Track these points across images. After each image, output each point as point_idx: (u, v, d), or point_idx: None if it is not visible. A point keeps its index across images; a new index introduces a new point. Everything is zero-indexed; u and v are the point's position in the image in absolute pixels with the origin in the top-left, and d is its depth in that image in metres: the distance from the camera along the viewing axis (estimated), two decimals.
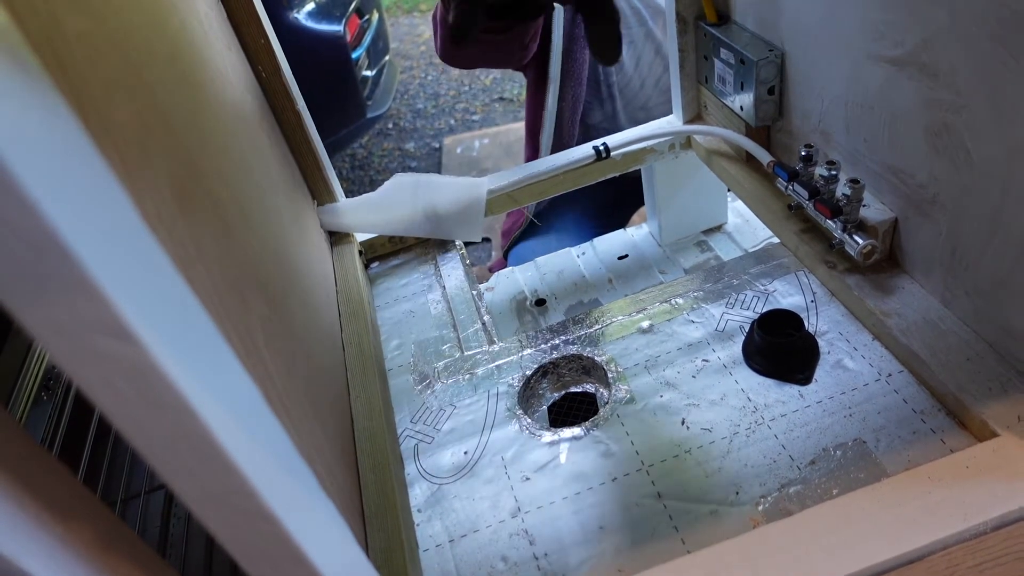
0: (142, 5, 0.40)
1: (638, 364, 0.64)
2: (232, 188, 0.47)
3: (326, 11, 2.09)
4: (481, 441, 0.61)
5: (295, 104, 0.75)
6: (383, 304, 0.80)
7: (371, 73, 2.31)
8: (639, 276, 0.92)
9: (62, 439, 0.61)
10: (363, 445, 0.59)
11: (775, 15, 0.66)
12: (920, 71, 0.51)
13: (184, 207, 0.35)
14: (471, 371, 0.68)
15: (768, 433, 0.56)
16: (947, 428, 0.52)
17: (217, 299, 0.35)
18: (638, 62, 1.12)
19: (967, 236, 0.52)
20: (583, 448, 0.58)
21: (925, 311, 0.58)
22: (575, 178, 0.84)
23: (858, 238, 0.60)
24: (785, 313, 0.62)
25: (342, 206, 0.83)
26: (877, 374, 0.58)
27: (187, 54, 0.47)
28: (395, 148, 2.97)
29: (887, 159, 0.58)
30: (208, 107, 0.48)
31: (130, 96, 0.33)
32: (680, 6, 0.76)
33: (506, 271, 0.97)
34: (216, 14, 0.63)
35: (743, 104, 0.73)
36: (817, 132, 0.66)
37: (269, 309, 0.45)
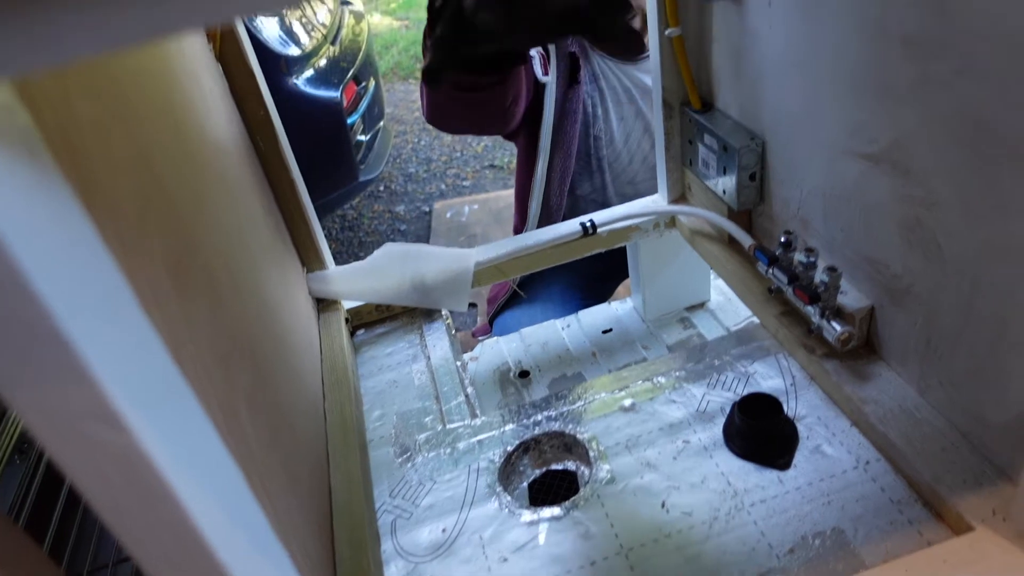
0: (151, 86, 0.42)
1: (619, 443, 0.64)
2: (225, 260, 0.48)
3: (324, 78, 2.15)
4: (460, 518, 0.61)
5: (290, 174, 0.76)
6: (367, 373, 0.80)
7: (365, 138, 2.36)
8: (623, 351, 0.93)
9: (31, 505, 0.60)
10: (340, 519, 0.58)
11: (756, 106, 0.69)
12: (893, 168, 0.53)
13: (178, 283, 0.36)
14: (452, 445, 0.68)
15: (748, 519, 0.56)
16: (924, 519, 0.53)
17: (204, 375, 0.35)
18: (627, 138, 1.16)
19: (941, 327, 0.54)
20: (562, 529, 0.58)
21: (902, 399, 0.59)
22: (562, 253, 0.86)
23: (836, 324, 0.62)
24: (765, 397, 0.63)
25: (331, 274, 0.84)
26: (855, 461, 0.58)
27: (190, 131, 0.48)
28: (385, 211, 3.01)
29: (863, 249, 0.60)
30: (207, 181, 0.49)
31: (135, 175, 0.34)
32: (666, 92, 0.79)
33: (491, 341, 0.98)
34: (219, 88, 0.65)
35: (726, 188, 0.75)
36: (796, 219, 0.69)
37: (254, 382, 0.45)
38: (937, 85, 0.47)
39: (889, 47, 0.49)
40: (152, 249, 0.33)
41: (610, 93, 1.12)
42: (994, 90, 0.43)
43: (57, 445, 0.21)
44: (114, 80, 0.36)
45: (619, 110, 1.13)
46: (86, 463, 0.21)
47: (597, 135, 1.14)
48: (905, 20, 0.47)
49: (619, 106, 1.13)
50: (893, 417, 0.58)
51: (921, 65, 0.47)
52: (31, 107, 0.24)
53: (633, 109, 1.13)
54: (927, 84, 0.47)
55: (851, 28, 0.53)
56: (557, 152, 1.12)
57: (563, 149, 1.12)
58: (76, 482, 0.21)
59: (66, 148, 0.27)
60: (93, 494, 0.22)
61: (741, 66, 0.69)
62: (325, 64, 2.21)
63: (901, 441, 0.56)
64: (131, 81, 0.39)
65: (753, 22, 0.65)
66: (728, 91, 0.74)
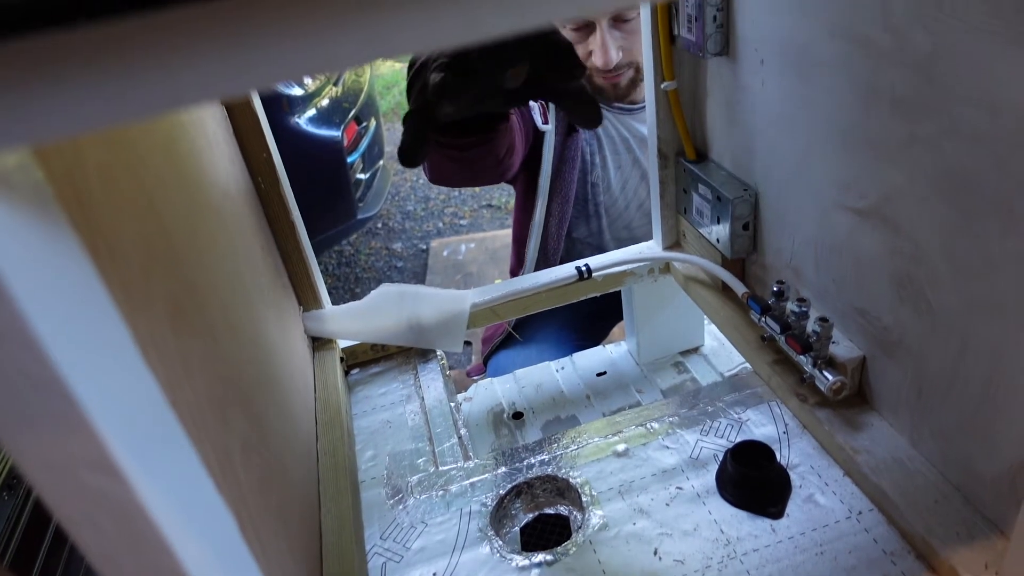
0: (158, 132, 0.43)
1: (612, 488, 0.64)
2: (223, 302, 0.48)
3: (326, 117, 2.18)
4: (451, 562, 0.60)
5: (290, 215, 0.77)
6: (360, 412, 0.80)
7: (365, 176, 2.39)
8: (616, 394, 0.93)
9: (18, 542, 0.59)
10: (330, 562, 0.57)
11: (749, 158, 0.71)
12: (883, 223, 0.54)
13: (177, 325, 0.36)
14: (445, 487, 0.68)
15: (740, 568, 0.55)
16: (916, 572, 0.52)
17: (200, 419, 0.35)
18: (624, 185, 1.18)
19: (931, 380, 0.54)
20: (554, 575, 0.57)
21: (894, 450, 0.59)
22: (557, 296, 0.86)
23: (828, 374, 0.62)
24: (758, 444, 0.63)
25: (327, 313, 0.84)
26: (848, 511, 0.58)
27: (194, 174, 0.49)
28: (383, 247, 3.03)
29: (854, 301, 0.61)
30: (208, 224, 0.50)
31: (139, 221, 0.35)
32: (662, 143, 0.80)
33: (485, 382, 0.98)
34: (223, 129, 0.66)
35: (719, 236, 0.76)
36: (789, 268, 0.70)
37: (249, 424, 0.45)
38: (924, 145, 0.48)
39: (879, 107, 0.51)
40: (154, 295, 0.34)
41: (607, 142, 1.14)
42: (979, 151, 0.44)
43: (53, 493, 0.21)
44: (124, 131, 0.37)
45: (616, 158, 1.15)
46: (81, 511, 0.22)
47: (595, 182, 1.16)
48: (895, 83, 0.49)
49: (616, 154, 1.15)
50: (886, 467, 0.58)
51: (909, 126, 0.49)
52: (42, 156, 0.25)
53: (631, 158, 1.15)
54: (915, 144, 0.49)
55: (842, 88, 0.54)
56: (555, 197, 1.14)
57: (561, 194, 1.14)
58: (69, 530, 0.21)
59: (73, 195, 0.27)
60: (86, 542, 0.22)
61: (734, 119, 0.71)
62: (327, 104, 2.24)
63: (894, 492, 0.56)
64: (137, 126, 0.40)
65: (746, 78, 0.66)
66: (722, 143, 0.75)
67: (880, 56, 0.49)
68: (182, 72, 0.15)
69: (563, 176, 1.13)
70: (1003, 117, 0.41)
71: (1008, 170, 0.42)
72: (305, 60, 0.15)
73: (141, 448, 0.23)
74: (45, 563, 0.59)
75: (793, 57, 0.59)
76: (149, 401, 0.25)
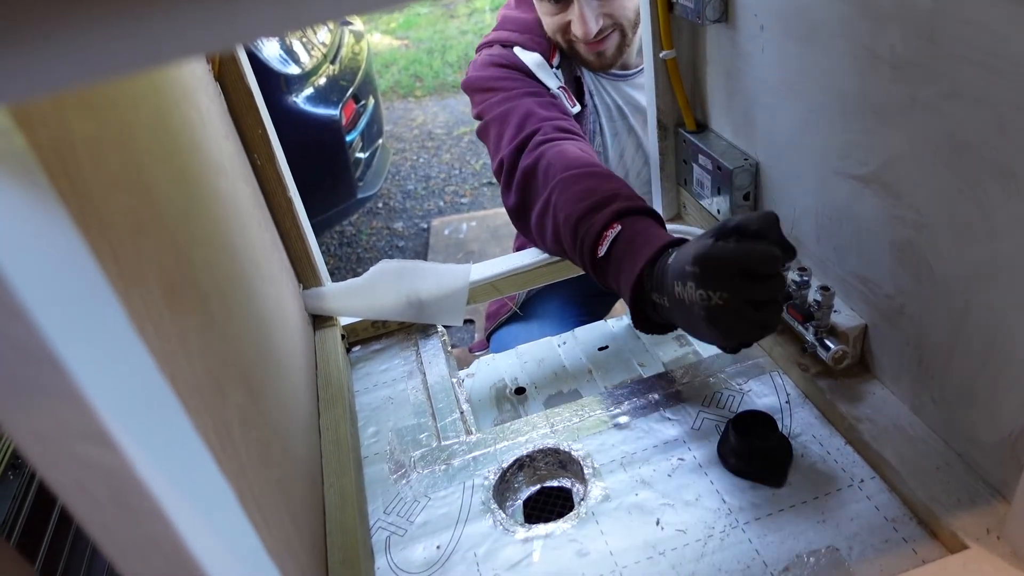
0: (146, 105, 0.42)
1: (614, 460, 0.64)
2: (219, 277, 0.48)
3: (324, 96, 2.16)
4: (454, 535, 0.60)
5: (287, 191, 0.77)
6: (362, 389, 0.80)
7: (364, 155, 2.38)
8: (619, 368, 0.93)
9: (24, 522, 0.59)
10: (334, 537, 0.58)
11: (749, 127, 0.70)
12: (884, 189, 0.54)
13: (171, 300, 0.36)
14: (447, 461, 0.68)
15: (742, 537, 0.55)
16: (918, 538, 0.53)
17: (197, 393, 0.35)
18: (621, 155, 1.16)
19: (932, 347, 0.54)
20: (557, 546, 0.58)
21: (895, 417, 0.59)
22: (557, 271, 0.86)
23: (829, 343, 0.62)
24: (760, 414, 0.63)
25: (327, 291, 0.84)
26: (850, 479, 0.58)
27: (185, 150, 0.49)
28: (384, 227, 3.02)
29: (856, 269, 0.61)
30: (201, 199, 0.50)
31: (129, 194, 0.35)
32: (661, 114, 0.80)
33: (487, 358, 0.98)
34: (217, 106, 0.65)
35: (720, 207, 0.76)
36: (790, 238, 0.69)
37: (247, 398, 0.45)
38: (925, 108, 0.47)
39: (879, 72, 0.50)
40: (146, 267, 0.34)
41: (603, 109, 1.13)
42: (980, 114, 0.43)
43: (48, 465, 0.21)
44: (108, 97, 0.36)
45: (612, 126, 1.14)
46: (76, 483, 0.22)
47: (596, 151, 1.15)
48: (895, 46, 0.48)
49: (612, 122, 1.14)
50: (887, 435, 0.58)
51: (910, 89, 0.48)
52: (26, 126, 0.25)
53: (625, 125, 1.14)
54: (916, 108, 0.48)
55: (842, 53, 0.53)
56: None
57: None
58: (66, 502, 0.21)
59: (61, 166, 0.27)
60: (83, 514, 0.22)
61: (734, 88, 0.70)
62: (325, 83, 2.22)
63: (895, 459, 0.56)
64: (125, 99, 0.39)
65: (746, 46, 0.65)
66: (721, 112, 0.74)
67: (880, 17, 0.48)
68: (160, 24, 0.14)
69: None
70: (1005, 78, 0.41)
71: (1010, 133, 0.41)
72: (284, 12, 0.15)
73: (135, 420, 0.23)
74: (52, 541, 0.60)
75: (793, 21, 0.58)
76: (143, 373, 0.25)
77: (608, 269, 0.67)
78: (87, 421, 0.20)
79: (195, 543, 0.24)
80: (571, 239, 0.71)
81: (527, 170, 0.82)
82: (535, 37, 1.04)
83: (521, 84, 0.98)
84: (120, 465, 0.21)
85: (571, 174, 0.75)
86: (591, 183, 0.73)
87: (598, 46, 1.03)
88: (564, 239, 0.73)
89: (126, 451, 0.21)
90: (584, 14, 0.97)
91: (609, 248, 0.66)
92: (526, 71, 1.00)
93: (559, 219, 0.74)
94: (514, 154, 0.86)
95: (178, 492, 0.24)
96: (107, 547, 0.23)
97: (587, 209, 0.70)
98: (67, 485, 0.21)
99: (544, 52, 1.03)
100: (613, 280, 0.67)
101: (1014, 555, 0.48)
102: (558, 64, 1.04)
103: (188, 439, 0.27)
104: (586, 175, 0.75)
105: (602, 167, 0.77)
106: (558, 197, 0.75)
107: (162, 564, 0.24)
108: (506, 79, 0.99)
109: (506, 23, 1.08)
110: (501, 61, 1.01)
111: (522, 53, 1.01)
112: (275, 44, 2.07)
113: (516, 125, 0.89)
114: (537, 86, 0.99)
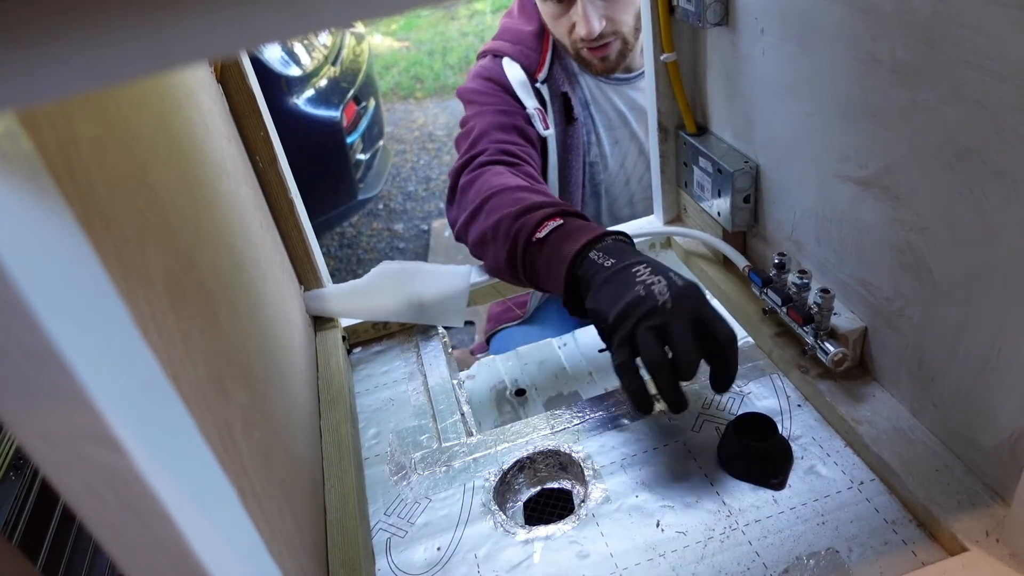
0: (150, 107, 0.42)
1: (614, 462, 0.64)
2: (222, 278, 0.48)
3: (325, 98, 2.16)
4: (455, 537, 0.61)
5: (288, 193, 0.77)
6: (363, 391, 0.80)
7: (365, 157, 2.38)
8: None
9: (26, 522, 0.59)
10: (335, 539, 0.58)
11: (750, 130, 0.70)
12: (884, 192, 0.54)
13: (175, 301, 0.36)
14: (448, 463, 0.68)
15: (742, 539, 0.56)
16: (918, 540, 0.53)
17: (200, 393, 0.35)
18: (623, 161, 1.17)
19: (932, 350, 0.54)
20: (557, 548, 0.58)
21: (895, 420, 0.59)
22: None
23: (830, 345, 0.62)
24: (760, 416, 0.63)
25: (328, 292, 0.84)
26: (849, 482, 0.58)
27: (188, 150, 0.49)
28: (384, 229, 3.02)
29: (855, 271, 0.61)
30: (204, 200, 0.50)
31: (133, 195, 0.35)
32: (662, 116, 0.80)
33: (487, 360, 0.98)
34: (219, 108, 0.65)
35: (720, 210, 0.76)
36: (790, 241, 0.69)
37: (250, 399, 0.45)
38: (926, 112, 0.47)
39: (879, 75, 0.50)
40: (150, 268, 0.34)
41: (601, 118, 1.13)
42: (980, 117, 0.43)
43: (53, 466, 0.21)
44: (112, 99, 0.37)
45: (612, 134, 1.14)
46: (81, 484, 0.22)
47: (593, 161, 1.15)
48: (895, 49, 0.48)
49: (611, 130, 1.14)
50: (887, 438, 0.58)
51: (910, 93, 0.48)
52: (32, 128, 0.25)
53: (627, 131, 1.14)
54: (916, 111, 0.48)
55: (842, 56, 0.54)
56: (565, 189, 1.13)
57: (571, 183, 1.13)
58: (71, 502, 0.21)
59: (66, 168, 0.27)
60: (87, 514, 0.22)
61: (734, 91, 0.70)
62: (326, 84, 2.23)
63: (895, 461, 0.56)
64: (129, 101, 0.39)
65: (746, 48, 0.66)
66: (722, 115, 0.75)
67: (881, 21, 0.49)
68: (169, 30, 0.15)
69: (569, 165, 1.12)
70: (1005, 82, 0.41)
71: (1010, 136, 0.42)
72: (290, 18, 0.15)
73: (140, 420, 0.23)
74: (54, 542, 0.60)
75: (793, 25, 0.58)
76: (147, 373, 0.25)
77: (543, 249, 0.70)
78: (92, 422, 0.21)
79: (198, 543, 0.24)
80: (505, 231, 0.74)
81: (464, 184, 0.88)
82: (526, 50, 1.05)
83: (496, 101, 1.01)
84: (125, 466, 0.22)
85: (506, 188, 0.80)
86: (525, 195, 0.78)
87: (601, 51, 1.04)
88: (492, 235, 0.76)
89: (131, 452, 0.22)
90: (587, 13, 0.97)
91: (549, 233, 0.70)
92: (507, 87, 1.02)
93: (491, 220, 0.77)
94: (456, 173, 0.91)
95: (181, 493, 0.24)
96: (110, 547, 0.23)
97: (527, 208, 0.74)
98: (72, 486, 0.22)
99: (532, 65, 1.04)
100: (545, 260, 0.69)
101: (1013, 557, 0.48)
102: (544, 79, 1.05)
103: (191, 440, 0.27)
104: (521, 188, 0.80)
105: (539, 187, 0.84)
106: (493, 203, 0.79)
107: (165, 564, 0.24)
108: (484, 94, 1.02)
109: (504, 33, 1.09)
110: (485, 74, 1.04)
111: (509, 66, 1.03)
112: (276, 46, 2.07)
113: (469, 143, 0.94)
114: (512, 104, 1.02)
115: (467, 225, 0.83)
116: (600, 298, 0.61)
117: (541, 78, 1.05)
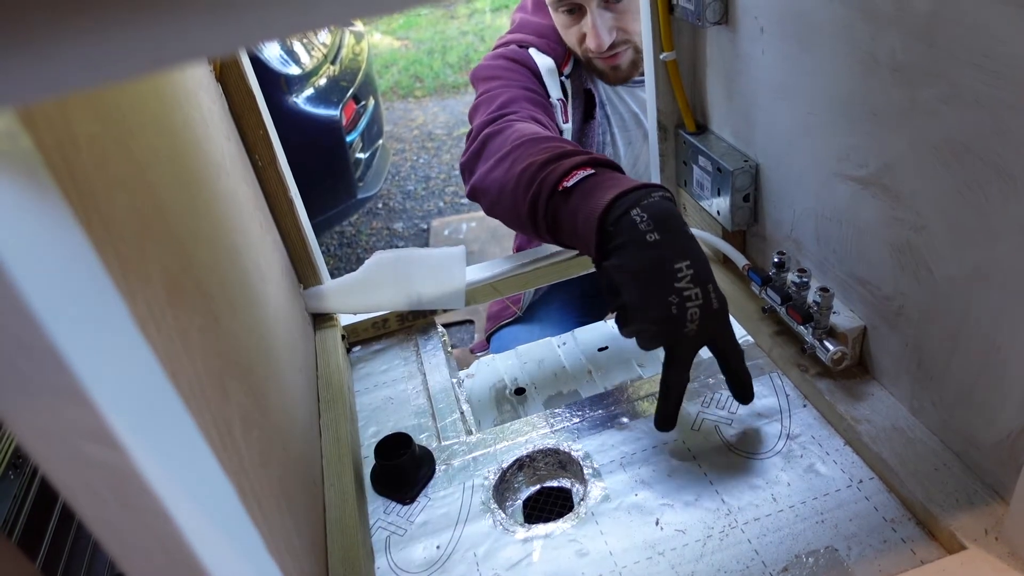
0: (149, 106, 0.42)
1: (614, 460, 0.64)
2: (221, 277, 0.48)
3: (324, 97, 2.16)
4: (454, 535, 0.61)
5: (288, 192, 0.77)
6: (363, 389, 0.80)
7: (364, 156, 2.38)
8: (618, 369, 0.93)
9: (25, 520, 0.59)
10: (334, 536, 0.58)
11: (750, 129, 0.70)
12: (883, 191, 0.54)
13: (174, 300, 0.36)
14: (447, 462, 0.68)
15: (741, 537, 0.56)
16: (917, 538, 0.53)
17: (199, 391, 0.35)
18: (635, 162, 1.17)
19: (931, 349, 0.54)
20: (557, 546, 0.58)
21: (894, 419, 0.59)
22: (558, 271, 0.86)
23: (829, 344, 0.62)
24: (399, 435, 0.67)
25: (326, 289, 0.84)
26: (848, 480, 0.58)
27: (187, 150, 0.49)
28: (384, 227, 3.02)
29: (855, 270, 0.61)
30: (203, 199, 0.50)
31: (132, 194, 0.35)
32: (661, 115, 0.80)
33: (487, 358, 0.98)
34: (219, 107, 0.65)
35: (720, 209, 0.76)
36: (789, 240, 0.69)
37: (249, 398, 0.45)
38: (925, 111, 0.47)
39: (879, 74, 0.50)
40: (149, 266, 0.34)
41: (615, 119, 1.13)
42: (979, 116, 0.43)
43: (51, 464, 0.21)
44: (111, 98, 0.37)
45: (626, 135, 1.14)
46: (80, 481, 0.22)
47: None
48: (895, 49, 0.48)
49: (625, 131, 1.14)
50: (886, 436, 0.58)
51: (909, 92, 0.48)
52: (31, 127, 0.25)
53: (640, 133, 1.14)
54: (915, 110, 0.48)
55: (842, 55, 0.54)
56: None
57: None
58: (69, 500, 0.21)
59: (65, 166, 0.27)
60: (86, 512, 0.22)
61: (734, 90, 0.70)
62: (325, 83, 2.23)
63: (894, 460, 0.56)
64: (128, 99, 0.39)
65: (746, 47, 0.66)
66: (722, 114, 0.75)
67: (880, 20, 0.49)
68: (168, 27, 0.15)
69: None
70: (1004, 80, 0.41)
71: (1009, 135, 0.42)
72: (289, 15, 0.15)
73: (139, 418, 0.23)
74: (53, 540, 0.60)
75: (793, 24, 0.58)
76: (146, 371, 0.25)
77: (570, 200, 0.62)
78: (90, 420, 0.21)
79: (197, 541, 0.24)
80: (528, 180, 0.67)
81: (490, 133, 0.82)
82: (551, 43, 1.04)
83: (524, 80, 0.99)
84: (123, 464, 0.22)
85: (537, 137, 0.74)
86: (558, 143, 0.70)
87: (612, 60, 1.04)
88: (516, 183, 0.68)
89: (130, 450, 0.22)
90: (596, 25, 0.97)
91: (578, 183, 0.62)
92: (535, 71, 1.01)
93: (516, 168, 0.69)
94: (482, 125, 0.85)
95: (180, 491, 0.24)
96: (110, 545, 0.23)
97: (556, 155, 0.66)
98: (71, 484, 0.22)
99: (558, 58, 1.03)
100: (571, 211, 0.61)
101: (1012, 556, 0.48)
102: (568, 73, 1.05)
103: (191, 438, 0.27)
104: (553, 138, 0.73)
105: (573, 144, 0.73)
106: (521, 151, 0.72)
107: (164, 562, 0.24)
108: (511, 71, 0.99)
109: (524, 26, 1.08)
110: (511, 55, 1.02)
111: (537, 55, 1.02)
112: (276, 45, 2.07)
113: (498, 106, 0.90)
114: (539, 88, 1.00)
115: (489, 172, 0.75)
116: (626, 280, 0.56)
117: (566, 72, 1.04)
